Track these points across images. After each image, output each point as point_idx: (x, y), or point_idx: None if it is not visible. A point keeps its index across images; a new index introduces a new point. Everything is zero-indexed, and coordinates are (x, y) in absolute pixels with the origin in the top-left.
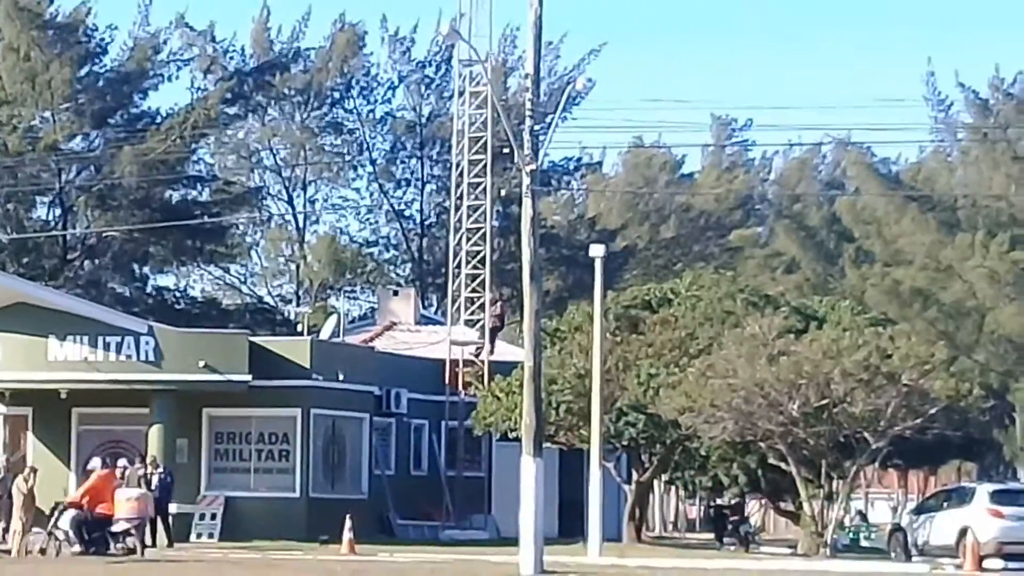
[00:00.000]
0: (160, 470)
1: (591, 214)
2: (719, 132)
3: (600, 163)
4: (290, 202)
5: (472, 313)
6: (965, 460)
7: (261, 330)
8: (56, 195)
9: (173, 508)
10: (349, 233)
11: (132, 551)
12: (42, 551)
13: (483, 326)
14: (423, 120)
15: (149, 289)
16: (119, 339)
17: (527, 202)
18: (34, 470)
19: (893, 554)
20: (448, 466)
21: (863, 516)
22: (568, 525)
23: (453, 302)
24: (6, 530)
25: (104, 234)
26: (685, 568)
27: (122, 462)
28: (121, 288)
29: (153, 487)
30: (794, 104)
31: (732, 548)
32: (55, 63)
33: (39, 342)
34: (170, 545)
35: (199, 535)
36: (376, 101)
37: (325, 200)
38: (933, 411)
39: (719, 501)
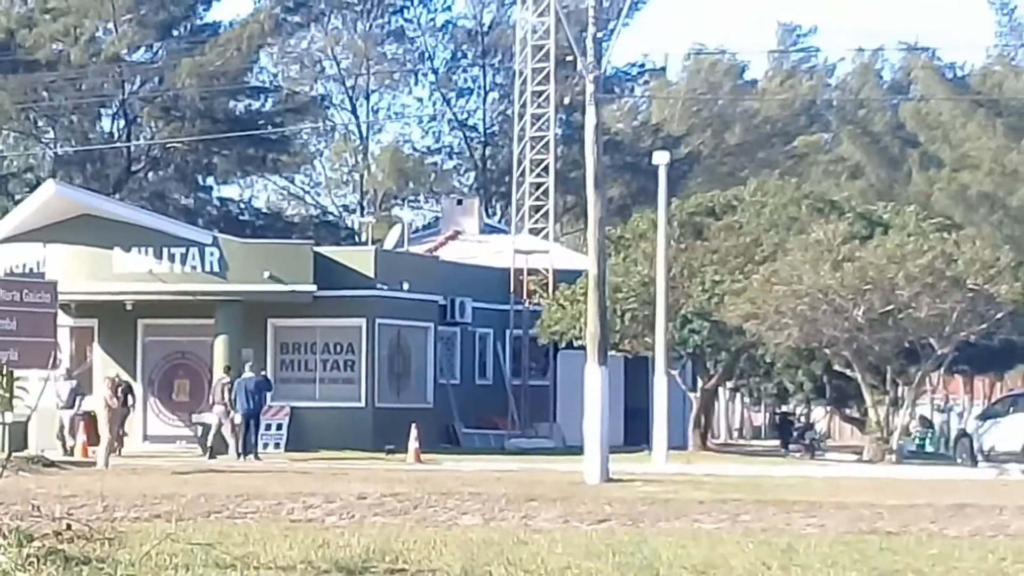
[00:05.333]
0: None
1: (655, 121)
2: (783, 37)
3: (663, 69)
4: (353, 111)
5: (536, 222)
6: None
7: (325, 240)
8: (120, 107)
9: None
10: (412, 142)
11: None
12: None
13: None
14: (484, 28)
15: (213, 200)
16: (184, 250)
17: (590, 109)
18: (117, 383)
19: (959, 460)
20: (513, 375)
21: (928, 422)
22: (633, 433)
23: (517, 211)
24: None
25: (168, 145)
26: (751, 475)
27: None
28: (185, 199)
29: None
30: (858, 9)
31: (797, 455)
32: None
33: (104, 254)
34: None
35: (265, 445)
36: (437, 9)
37: (388, 109)
38: (999, 316)
39: (784, 408)
